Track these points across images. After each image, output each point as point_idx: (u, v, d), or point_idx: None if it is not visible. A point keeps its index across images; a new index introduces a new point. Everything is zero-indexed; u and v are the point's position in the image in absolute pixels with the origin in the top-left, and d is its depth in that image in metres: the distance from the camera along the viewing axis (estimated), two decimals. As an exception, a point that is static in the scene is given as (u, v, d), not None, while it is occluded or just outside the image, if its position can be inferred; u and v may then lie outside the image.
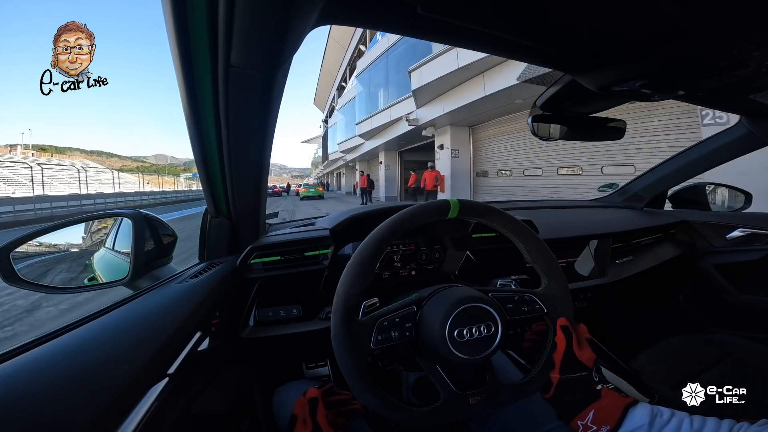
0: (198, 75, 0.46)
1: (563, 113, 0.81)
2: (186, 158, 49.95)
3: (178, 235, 0.86)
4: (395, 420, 0.48)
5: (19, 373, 0.38)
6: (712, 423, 0.45)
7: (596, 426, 0.49)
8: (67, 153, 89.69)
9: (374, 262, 0.51)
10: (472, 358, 0.50)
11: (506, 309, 0.55)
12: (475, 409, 0.51)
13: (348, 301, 0.49)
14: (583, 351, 0.54)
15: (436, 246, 0.96)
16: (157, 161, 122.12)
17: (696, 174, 1.34)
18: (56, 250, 0.80)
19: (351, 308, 0.49)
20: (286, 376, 0.88)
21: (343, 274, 0.51)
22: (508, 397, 0.53)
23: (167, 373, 0.49)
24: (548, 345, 0.56)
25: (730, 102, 0.84)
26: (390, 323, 0.50)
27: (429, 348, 0.51)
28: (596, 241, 1.18)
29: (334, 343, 0.48)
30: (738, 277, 1.28)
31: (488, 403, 0.51)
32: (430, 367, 0.52)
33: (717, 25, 0.42)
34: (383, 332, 0.50)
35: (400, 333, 0.51)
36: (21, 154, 51.28)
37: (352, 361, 0.47)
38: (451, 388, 0.51)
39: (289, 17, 0.37)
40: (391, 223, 0.54)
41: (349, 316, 0.49)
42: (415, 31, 0.48)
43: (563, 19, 0.44)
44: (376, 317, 0.50)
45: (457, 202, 0.57)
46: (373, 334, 0.49)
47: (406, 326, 0.52)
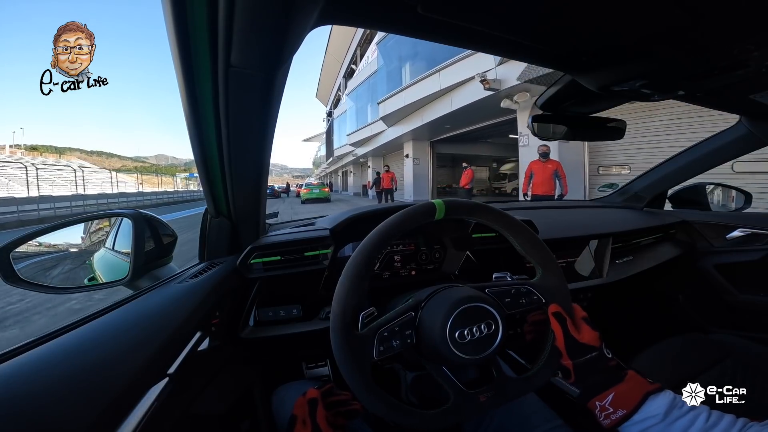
0: (198, 75, 0.46)
1: (563, 113, 0.81)
2: (187, 158, 49.47)
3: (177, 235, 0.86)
4: (407, 425, 0.48)
5: (19, 373, 0.38)
6: (727, 420, 0.44)
7: (612, 409, 0.49)
8: (67, 153, 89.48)
9: (367, 272, 0.51)
10: (475, 358, 0.50)
11: (504, 303, 0.55)
12: (486, 406, 0.50)
13: (345, 317, 0.48)
14: (582, 333, 0.54)
15: (436, 246, 0.96)
16: (158, 161, 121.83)
17: (696, 174, 1.34)
18: (56, 250, 0.80)
19: (349, 323, 0.48)
20: (286, 376, 0.88)
21: (336, 289, 0.50)
22: (516, 391, 0.53)
23: (167, 373, 0.49)
24: (549, 335, 0.56)
25: (730, 102, 0.84)
26: (390, 332, 0.50)
27: (431, 351, 0.51)
28: (596, 241, 1.18)
29: (337, 357, 0.48)
30: (738, 277, 1.28)
31: (498, 398, 0.51)
32: (437, 369, 0.52)
33: (717, 25, 0.42)
34: (384, 342, 0.49)
35: (401, 341, 0.50)
36: (9, 153, 50.66)
37: (357, 375, 0.47)
38: (460, 388, 0.50)
39: (289, 17, 0.37)
40: (378, 233, 0.53)
41: (348, 331, 0.48)
42: (415, 32, 0.48)
43: (563, 19, 0.43)
44: (375, 329, 0.49)
45: (442, 203, 0.56)
46: (374, 346, 0.49)
47: (406, 333, 0.51)
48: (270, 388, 0.79)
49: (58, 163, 39.90)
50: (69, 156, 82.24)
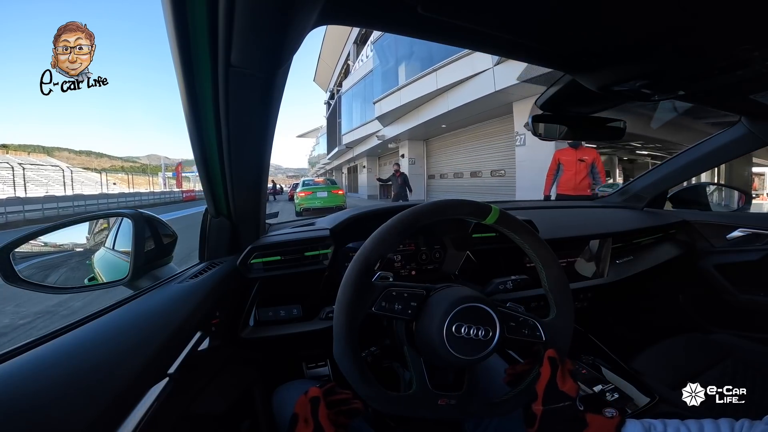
0: (198, 75, 0.46)
1: (563, 113, 0.81)
2: (180, 159, 48.16)
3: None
4: (362, 394, 0.49)
5: (19, 373, 0.38)
6: (709, 425, 0.44)
7: None
8: (55, 153, 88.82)
9: (405, 232, 0.53)
10: (461, 358, 0.50)
11: (507, 326, 0.55)
12: (441, 412, 0.50)
13: (370, 256, 0.50)
14: (566, 383, 0.53)
15: (436, 246, 0.96)
16: (149, 161, 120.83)
17: (696, 174, 1.34)
18: (56, 250, 0.80)
19: (370, 266, 0.50)
20: (286, 376, 0.88)
21: (374, 233, 0.52)
22: (477, 410, 0.53)
23: (167, 373, 0.49)
24: (533, 372, 0.56)
25: (730, 102, 0.84)
26: (398, 295, 0.52)
27: (423, 334, 0.52)
28: (596, 241, 1.18)
29: (340, 291, 0.49)
30: (738, 277, 1.28)
31: (456, 409, 0.51)
32: (415, 359, 0.53)
33: (717, 25, 0.42)
34: (388, 301, 0.51)
35: (403, 308, 0.52)
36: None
37: (349, 317, 0.48)
38: (425, 383, 0.51)
39: (289, 17, 0.37)
40: (433, 206, 0.55)
41: (366, 272, 0.50)
42: (415, 32, 0.48)
43: (563, 19, 0.44)
44: (387, 285, 0.52)
45: (498, 210, 0.57)
46: (378, 298, 0.50)
47: (411, 304, 0.52)
48: (270, 388, 0.79)
49: (24, 161, 37.06)
50: (58, 156, 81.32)
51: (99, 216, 0.85)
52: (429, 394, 0.51)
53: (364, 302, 0.49)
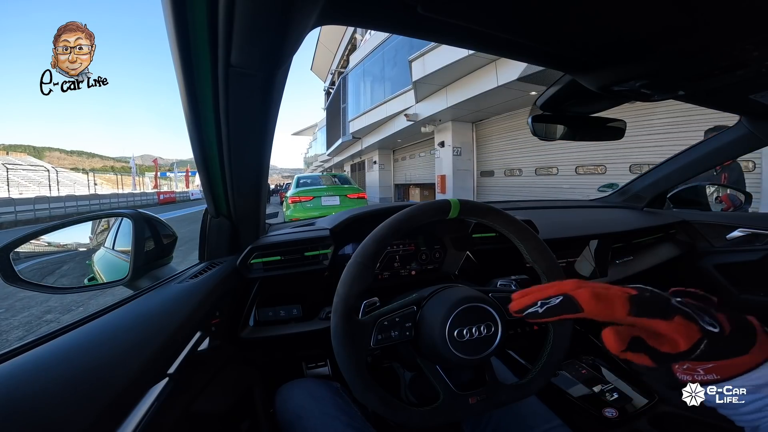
0: (198, 75, 0.46)
1: (563, 113, 0.81)
2: (174, 159, 47.22)
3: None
4: (394, 420, 0.48)
5: (19, 373, 0.38)
6: None
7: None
8: (46, 153, 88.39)
9: (374, 261, 0.52)
10: (471, 358, 0.50)
11: (506, 309, 0.55)
12: (475, 410, 0.51)
13: (348, 300, 0.49)
14: (610, 288, 0.40)
15: (436, 246, 0.96)
16: (143, 162, 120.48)
17: (696, 174, 1.34)
18: (56, 250, 0.80)
19: (351, 307, 0.49)
20: (286, 376, 0.88)
21: (343, 273, 0.51)
22: (507, 398, 0.53)
23: (167, 373, 0.49)
24: (547, 345, 0.56)
25: (730, 102, 0.84)
26: (390, 323, 0.51)
27: (429, 347, 0.51)
28: (596, 241, 1.18)
29: (334, 342, 0.48)
30: (738, 277, 1.28)
31: (488, 403, 0.51)
32: (430, 368, 0.52)
33: (717, 26, 0.42)
34: (383, 332, 0.50)
35: (400, 332, 0.51)
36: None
37: (352, 360, 0.47)
38: (450, 388, 0.51)
39: (289, 17, 0.37)
40: (390, 223, 0.54)
41: (350, 316, 0.49)
42: (415, 31, 0.48)
43: (563, 19, 0.43)
44: (376, 317, 0.50)
45: (457, 202, 0.57)
46: (373, 334, 0.49)
47: (406, 326, 0.52)
48: (270, 387, 0.79)
49: (8, 161, 36.21)
50: (48, 156, 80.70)
51: (99, 216, 0.85)
52: (458, 397, 0.50)
53: (361, 343, 0.49)
